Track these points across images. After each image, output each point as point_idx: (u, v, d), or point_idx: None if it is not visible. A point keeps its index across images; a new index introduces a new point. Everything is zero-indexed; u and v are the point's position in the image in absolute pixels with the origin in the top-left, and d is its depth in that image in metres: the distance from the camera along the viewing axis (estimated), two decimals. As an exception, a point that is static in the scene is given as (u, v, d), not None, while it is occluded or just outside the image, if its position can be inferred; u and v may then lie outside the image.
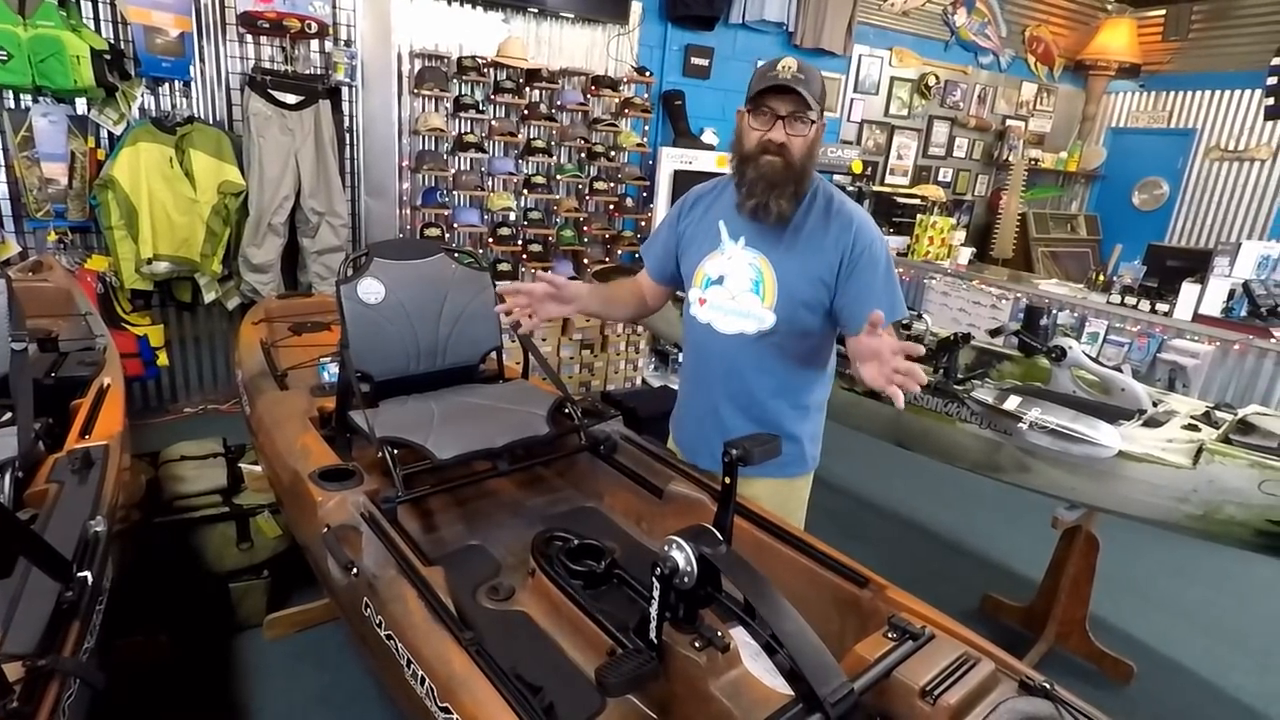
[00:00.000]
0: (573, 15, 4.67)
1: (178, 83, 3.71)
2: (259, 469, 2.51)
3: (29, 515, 1.46)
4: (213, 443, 2.80)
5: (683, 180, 5.02)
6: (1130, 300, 4.32)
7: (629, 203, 5.11)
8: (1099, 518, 2.54)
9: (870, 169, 6.51)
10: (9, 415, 1.80)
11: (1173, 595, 3.26)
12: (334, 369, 2.20)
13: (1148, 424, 2.40)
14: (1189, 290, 4.06)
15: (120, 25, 3.53)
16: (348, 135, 4.22)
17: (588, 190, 4.95)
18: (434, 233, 4.34)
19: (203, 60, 3.78)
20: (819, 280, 1.65)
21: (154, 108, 3.69)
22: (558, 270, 4.92)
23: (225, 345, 4.21)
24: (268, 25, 3.75)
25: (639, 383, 5.23)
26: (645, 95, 5.07)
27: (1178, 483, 2.18)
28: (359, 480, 1.62)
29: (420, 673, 1.20)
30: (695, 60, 5.33)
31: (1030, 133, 7.40)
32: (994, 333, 3.21)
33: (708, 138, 5.40)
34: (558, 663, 1.33)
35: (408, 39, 4.20)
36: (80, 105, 3.51)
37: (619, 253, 5.19)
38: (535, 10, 4.53)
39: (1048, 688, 1.10)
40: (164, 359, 3.82)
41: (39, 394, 1.83)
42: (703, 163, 5.15)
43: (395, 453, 1.69)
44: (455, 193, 4.49)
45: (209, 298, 3.88)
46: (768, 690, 1.17)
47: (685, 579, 1.12)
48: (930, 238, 5.81)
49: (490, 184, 4.64)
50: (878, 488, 3.97)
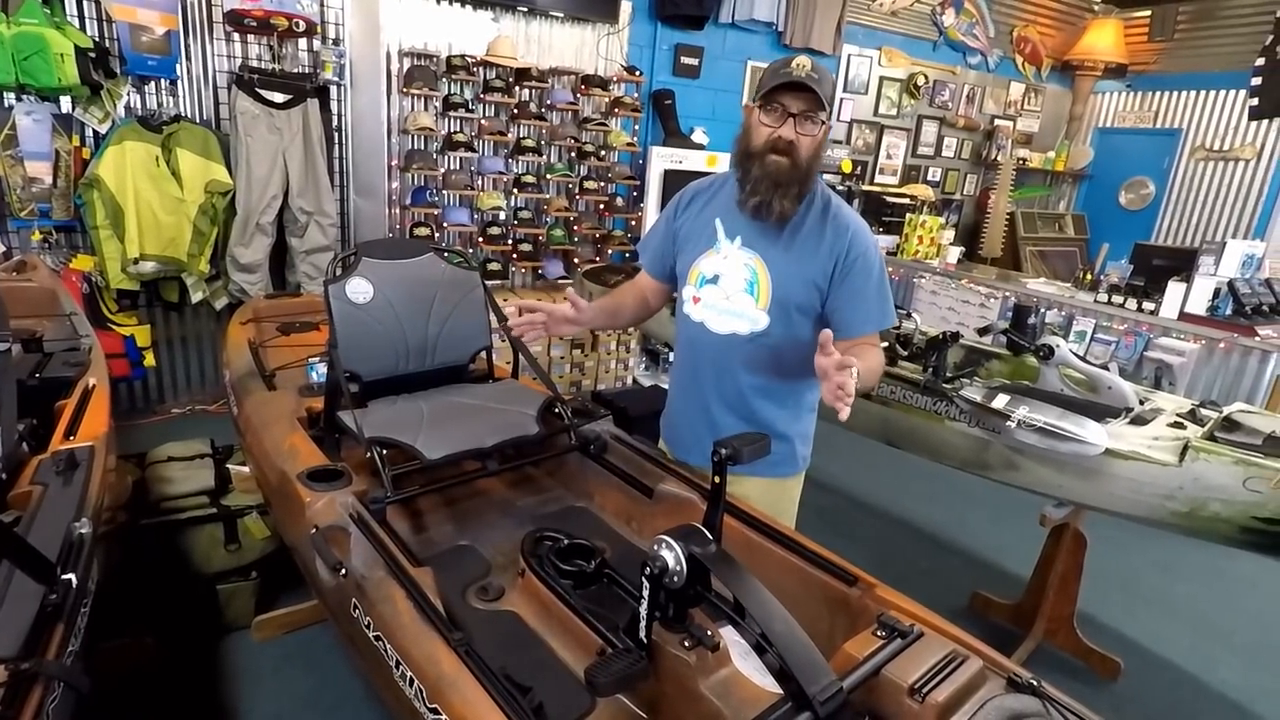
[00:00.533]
0: (562, 14, 4.66)
1: (164, 81, 3.69)
2: (247, 470, 2.50)
3: (12, 517, 1.44)
4: (200, 444, 2.77)
5: (673, 179, 5.02)
6: (1117, 299, 4.35)
7: (619, 202, 5.11)
8: (1087, 515, 2.56)
9: (859, 168, 6.53)
10: (-8, 417, 1.77)
11: (1159, 592, 3.28)
12: (322, 369, 2.19)
13: (1134, 422, 2.42)
14: (1175, 289, 4.10)
15: (105, 23, 3.50)
16: (336, 134, 4.20)
17: (578, 189, 4.94)
18: (423, 232, 4.32)
19: (189, 58, 3.75)
20: (812, 283, 1.66)
21: (140, 106, 3.66)
22: (548, 270, 4.91)
23: (213, 345, 4.18)
24: (255, 24, 3.72)
25: (629, 382, 5.23)
26: (635, 94, 5.07)
27: (1164, 480, 2.20)
28: (347, 481, 1.61)
29: (409, 674, 1.20)
30: (685, 60, 5.33)
31: (1018, 132, 7.44)
32: (982, 331, 3.23)
33: (698, 137, 5.39)
34: (547, 663, 1.33)
35: (396, 38, 4.18)
36: (65, 103, 3.48)
37: (609, 252, 5.19)
38: (525, 9, 4.52)
39: (1035, 685, 1.11)
40: (151, 359, 3.79)
41: (23, 395, 1.81)
42: (693, 162, 5.14)
43: (384, 453, 1.68)
44: (445, 192, 4.48)
45: (196, 298, 3.86)
46: (757, 689, 1.17)
47: (675, 578, 1.12)
48: (919, 237, 5.84)
49: (480, 183, 4.62)
50: (867, 486, 3.98)
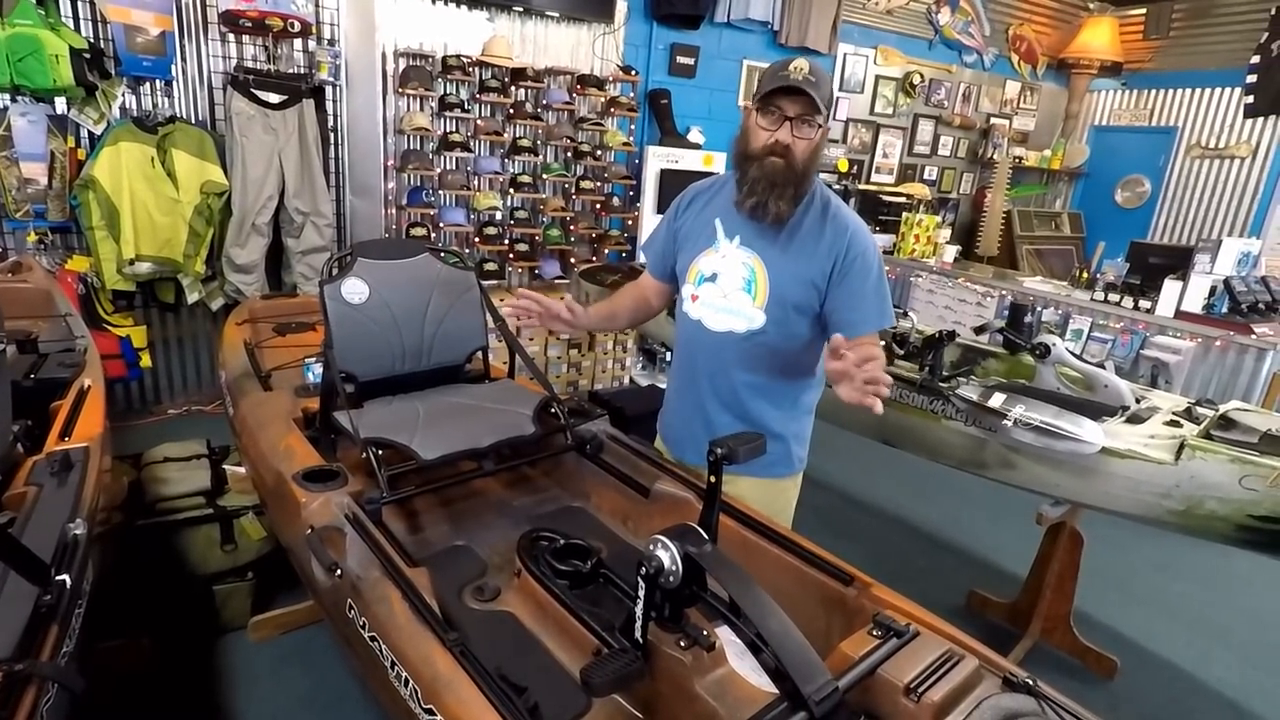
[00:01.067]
0: (558, 14, 4.65)
1: (159, 82, 3.68)
2: (243, 470, 2.50)
3: (7, 518, 1.44)
4: (196, 444, 2.77)
5: (669, 179, 5.02)
6: (1113, 297, 4.36)
7: (615, 202, 5.10)
8: (1083, 514, 2.56)
9: (856, 167, 6.54)
10: (-13, 418, 1.77)
11: (1156, 590, 3.29)
12: (318, 369, 2.19)
13: (1131, 420, 2.42)
14: (1171, 287, 4.10)
15: (100, 24, 3.49)
16: (332, 135, 4.20)
17: (574, 189, 4.94)
18: (419, 232, 4.32)
19: (184, 59, 3.74)
20: (810, 283, 1.66)
21: (135, 107, 3.65)
22: (544, 270, 4.91)
23: (209, 346, 4.17)
24: (250, 24, 3.72)
25: (626, 382, 5.23)
26: (631, 94, 5.07)
27: (1160, 478, 2.20)
28: (343, 481, 1.61)
29: (405, 674, 1.20)
30: (681, 59, 5.32)
31: (1014, 131, 7.45)
32: (979, 330, 3.23)
33: (694, 136, 5.39)
34: (543, 663, 1.33)
35: (392, 38, 4.17)
36: (60, 104, 3.47)
37: (606, 252, 5.18)
38: (520, 9, 4.51)
39: (1031, 684, 1.11)
40: (147, 360, 3.78)
41: (18, 396, 1.81)
42: (689, 161, 5.14)
43: (380, 453, 1.68)
44: (441, 192, 4.47)
45: (192, 298, 3.85)
46: (753, 689, 1.17)
47: (670, 578, 1.12)
48: (916, 236, 5.84)
49: (476, 183, 4.61)
50: (864, 485, 3.98)
